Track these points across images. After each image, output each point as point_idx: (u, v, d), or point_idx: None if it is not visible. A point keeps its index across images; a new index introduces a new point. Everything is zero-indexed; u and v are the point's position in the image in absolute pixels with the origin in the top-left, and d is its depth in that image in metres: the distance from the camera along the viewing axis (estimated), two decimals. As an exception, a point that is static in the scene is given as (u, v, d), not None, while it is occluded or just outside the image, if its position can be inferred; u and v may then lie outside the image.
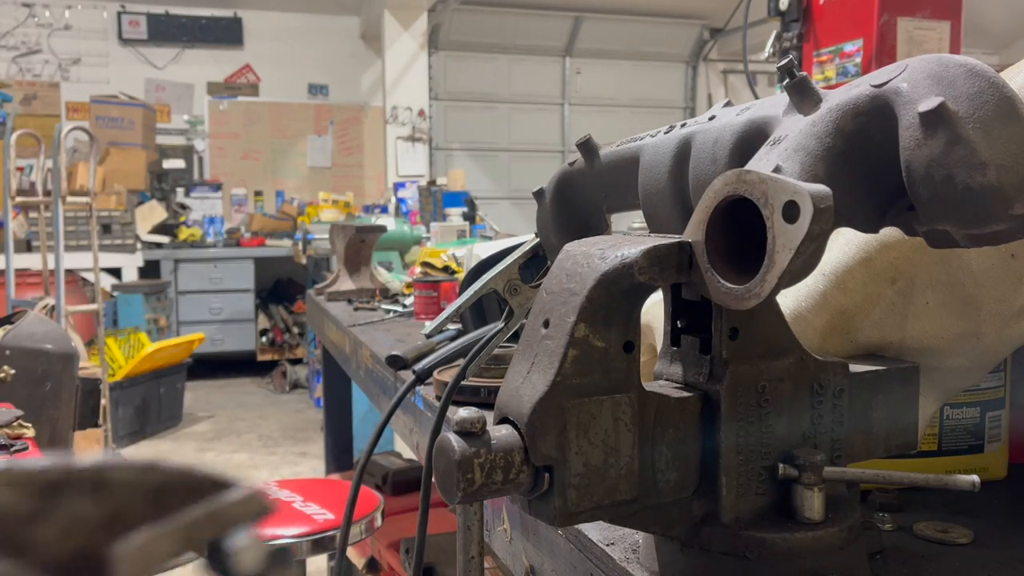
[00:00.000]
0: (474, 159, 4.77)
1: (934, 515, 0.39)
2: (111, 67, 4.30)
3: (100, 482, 0.12)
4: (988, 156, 0.26)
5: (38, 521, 0.12)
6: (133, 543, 0.12)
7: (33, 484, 0.12)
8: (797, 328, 0.35)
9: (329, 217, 3.43)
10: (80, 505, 0.12)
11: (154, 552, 0.12)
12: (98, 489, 0.12)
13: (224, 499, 0.12)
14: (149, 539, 0.12)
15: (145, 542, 0.12)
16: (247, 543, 0.12)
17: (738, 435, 0.31)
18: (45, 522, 0.12)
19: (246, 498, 0.13)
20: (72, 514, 0.12)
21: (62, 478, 0.12)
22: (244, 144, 4.47)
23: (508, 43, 4.73)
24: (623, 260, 0.29)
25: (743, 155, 0.34)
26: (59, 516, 0.12)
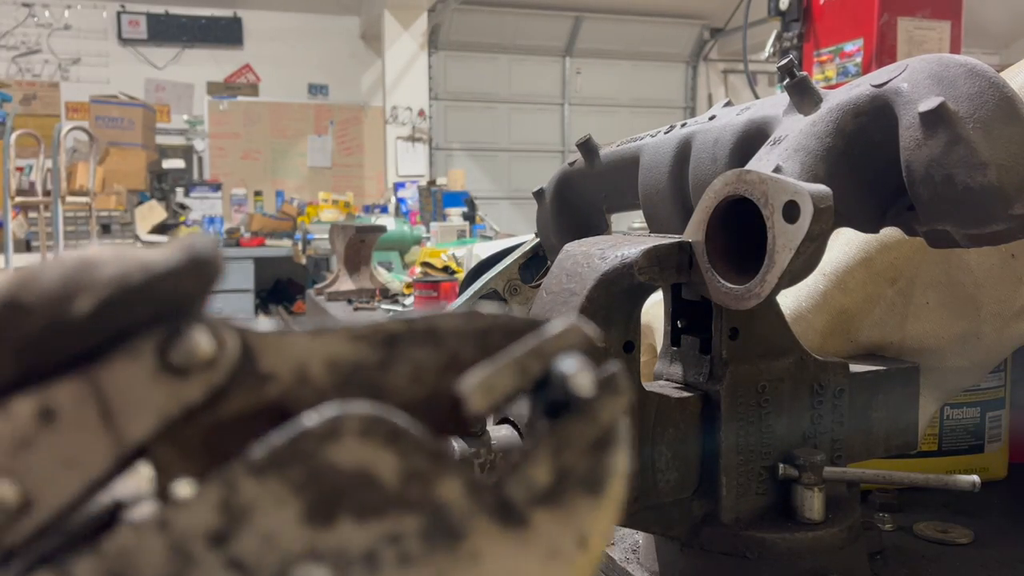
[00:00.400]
0: (474, 159, 4.77)
1: (934, 515, 0.39)
2: (111, 67, 4.30)
3: (433, 330, 0.13)
4: (988, 156, 0.26)
5: (387, 369, 0.13)
6: (475, 379, 0.12)
7: (376, 336, 0.13)
8: (797, 328, 0.35)
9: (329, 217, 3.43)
10: (420, 352, 0.13)
11: (496, 385, 0.12)
12: (432, 337, 0.13)
13: (547, 333, 0.13)
14: (489, 374, 0.12)
15: (486, 377, 0.12)
16: (578, 368, 0.12)
17: (738, 435, 0.31)
18: (393, 370, 0.13)
19: (567, 330, 0.13)
20: (415, 361, 0.13)
21: (400, 329, 0.13)
22: (244, 144, 4.47)
23: (508, 43, 4.73)
24: (623, 260, 0.29)
25: (743, 155, 0.34)
26: (404, 364, 0.13)
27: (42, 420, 0.11)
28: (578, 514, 0.12)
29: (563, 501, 0.12)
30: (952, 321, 0.35)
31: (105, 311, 0.11)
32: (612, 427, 0.12)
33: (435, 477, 0.12)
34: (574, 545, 0.12)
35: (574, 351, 0.13)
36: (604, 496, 0.12)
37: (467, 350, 0.13)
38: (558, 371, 0.12)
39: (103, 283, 0.11)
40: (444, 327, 0.13)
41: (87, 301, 0.11)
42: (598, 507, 0.12)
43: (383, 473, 0.11)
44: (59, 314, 0.11)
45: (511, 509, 0.12)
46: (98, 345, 0.11)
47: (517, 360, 0.12)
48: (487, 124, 4.83)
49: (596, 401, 0.12)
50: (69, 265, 0.11)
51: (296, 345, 0.12)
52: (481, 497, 0.12)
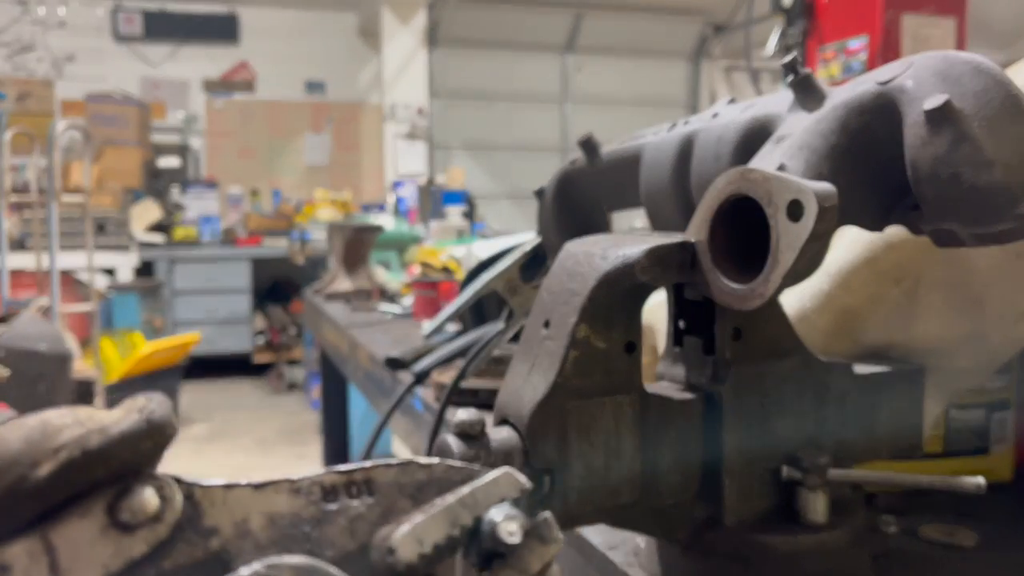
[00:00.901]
0: (474, 157, 4.76)
1: (940, 518, 0.39)
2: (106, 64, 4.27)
3: (369, 482, 0.14)
4: (994, 154, 0.26)
5: (324, 523, 0.13)
6: (404, 530, 0.13)
7: (314, 490, 0.13)
8: (801, 328, 0.34)
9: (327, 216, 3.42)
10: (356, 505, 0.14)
11: (425, 536, 0.13)
12: (368, 489, 0.14)
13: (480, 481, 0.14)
14: (418, 524, 0.13)
15: (415, 527, 0.13)
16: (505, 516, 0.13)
17: (741, 437, 0.31)
18: (330, 523, 0.13)
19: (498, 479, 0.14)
20: (351, 514, 0.14)
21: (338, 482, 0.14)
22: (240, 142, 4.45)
23: (508, 39, 4.71)
24: (625, 260, 0.29)
25: (746, 153, 0.33)
26: (340, 516, 0.14)
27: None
28: None
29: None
30: (958, 321, 0.35)
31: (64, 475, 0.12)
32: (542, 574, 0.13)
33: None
34: None
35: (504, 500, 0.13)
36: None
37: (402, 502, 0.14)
38: (488, 520, 0.13)
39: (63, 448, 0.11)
40: (380, 479, 0.14)
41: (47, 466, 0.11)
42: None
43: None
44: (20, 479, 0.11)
45: None
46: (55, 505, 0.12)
47: (446, 510, 0.13)
48: (487, 121, 4.82)
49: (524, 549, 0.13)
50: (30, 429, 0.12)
51: (239, 499, 0.13)
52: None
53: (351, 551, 0.13)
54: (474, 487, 0.13)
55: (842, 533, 0.30)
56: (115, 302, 3.19)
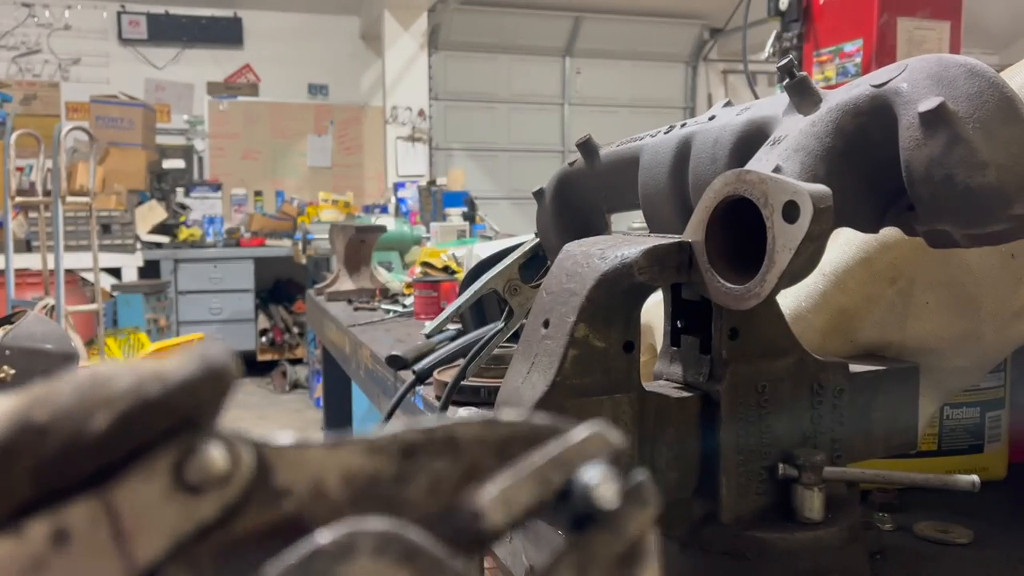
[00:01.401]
0: (474, 159, 4.77)
1: (934, 515, 0.39)
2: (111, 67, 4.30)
3: (451, 440, 0.13)
4: (988, 156, 0.26)
5: (404, 481, 0.12)
6: (493, 492, 0.12)
7: (393, 448, 0.12)
8: (797, 328, 0.35)
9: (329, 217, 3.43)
10: (438, 463, 0.12)
11: (515, 498, 0.12)
12: (451, 447, 0.13)
13: (569, 440, 0.12)
14: (508, 486, 0.12)
15: (505, 489, 0.12)
16: (601, 478, 0.12)
17: (738, 435, 0.31)
18: (410, 482, 0.12)
19: (590, 438, 0.12)
20: (433, 472, 0.12)
21: (418, 440, 0.12)
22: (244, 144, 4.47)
23: (508, 43, 4.72)
24: (623, 260, 0.29)
25: (743, 155, 0.34)
26: (422, 475, 0.12)
27: (56, 542, 0.10)
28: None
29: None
30: (952, 321, 0.35)
31: (122, 427, 0.11)
32: (639, 540, 0.12)
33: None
34: None
35: (598, 460, 0.12)
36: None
37: (487, 460, 0.12)
38: (581, 482, 0.12)
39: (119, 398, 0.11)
40: (463, 436, 0.13)
41: (103, 418, 0.11)
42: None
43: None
44: (76, 433, 0.10)
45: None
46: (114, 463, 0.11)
47: (537, 471, 0.12)
48: (487, 124, 4.83)
49: (622, 513, 0.12)
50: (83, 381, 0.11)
51: (312, 458, 0.12)
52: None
53: (433, 513, 0.12)
54: (565, 446, 0.12)
55: (838, 530, 0.31)
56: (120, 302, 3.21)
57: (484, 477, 0.12)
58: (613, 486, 0.12)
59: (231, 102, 4.45)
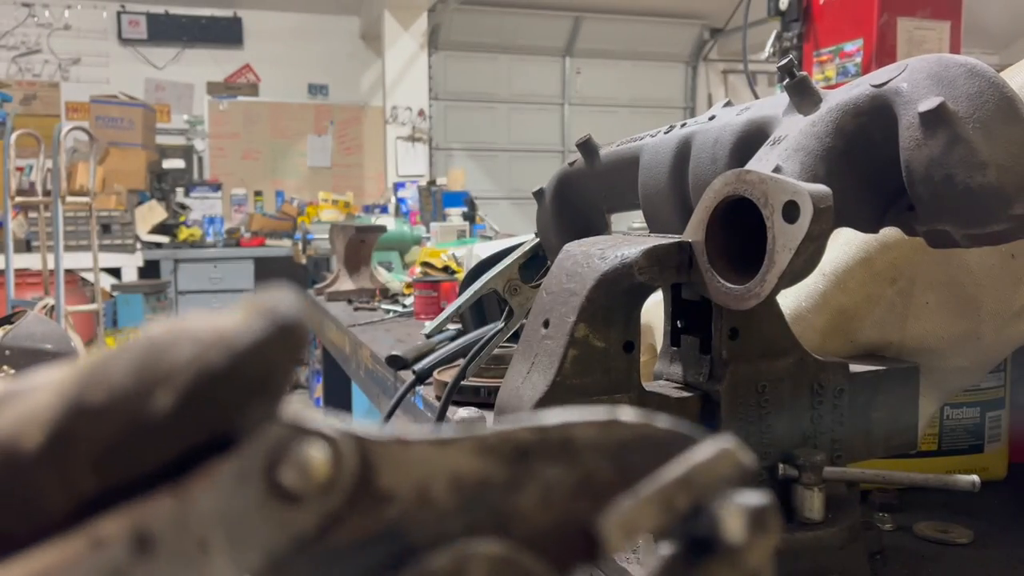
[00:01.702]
0: (474, 159, 4.77)
1: (934, 515, 0.39)
2: (111, 67, 4.30)
3: (567, 443, 0.11)
4: (988, 156, 0.26)
5: (515, 489, 0.11)
6: (618, 514, 0.11)
7: (505, 449, 0.11)
8: (797, 328, 0.35)
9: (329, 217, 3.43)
10: (552, 470, 0.11)
11: (638, 522, 0.11)
12: (566, 451, 0.11)
13: (697, 459, 0.11)
14: (632, 508, 0.11)
15: (629, 512, 0.11)
16: (732, 511, 0.11)
17: (738, 435, 0.31)
18: (522, 491, 0.11)
19: (719, 457, 0.11)
20: (546, 480, 0.11)
21: (532, 440, 0.11)
22: (244, 144, 4.47)
23: (508, 43, 4.73)
24: (623, 260, 0.29)
25: (743, 155, 0.34)
26: (534, 483, 0.11)
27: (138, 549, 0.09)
28: None
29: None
30: (952, 321, 0.35)
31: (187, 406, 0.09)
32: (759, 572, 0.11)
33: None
34: None
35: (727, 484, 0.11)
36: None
37: (603, 468, 0.11)
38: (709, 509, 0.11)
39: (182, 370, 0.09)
40: (580, 439, 0.11)
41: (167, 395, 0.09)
42: None
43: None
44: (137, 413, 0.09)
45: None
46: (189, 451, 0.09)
47: (662, 493, 0.11)
48: (487, 124, 4.83)
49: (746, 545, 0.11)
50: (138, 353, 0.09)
51: (418, 459, 0.10)
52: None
53: (544, 525, 0.11)
54: (692, 464, 0.11)
55: (838, 530, 0.31)
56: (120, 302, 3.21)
57: (600, 488, 0.11)
58: (742, 520, 0.11)
59: (231, 102, 4.45)
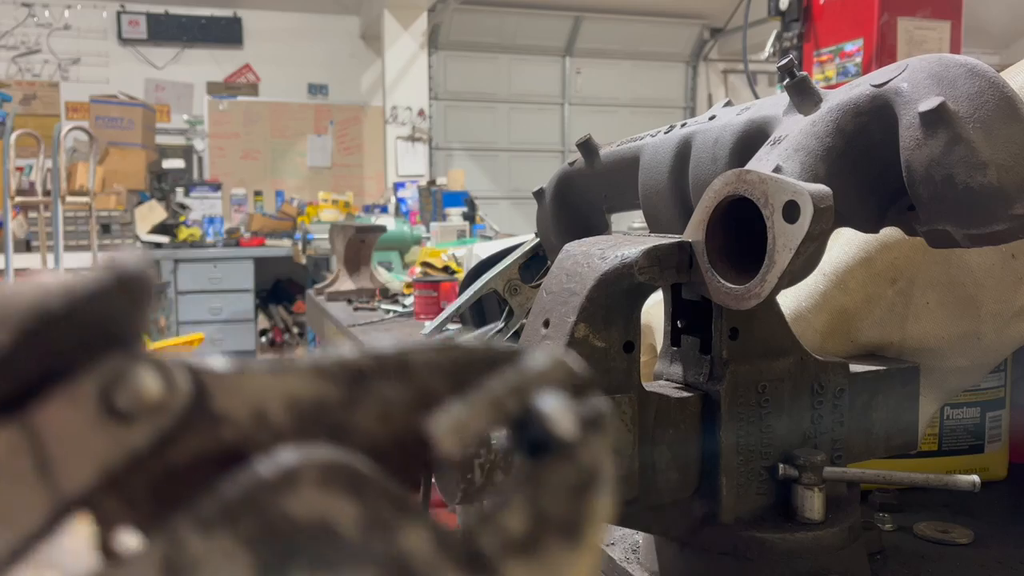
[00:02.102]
0: (474, 159, 4.77)
1: (934, 515, 0.39)
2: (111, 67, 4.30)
3: (404, 365, 0.12)
4: (988, 156, 0.26)
5: (353, 407, 0.12)
6: (447, 419, 0.11)
7: (341, 373, 0.12)
8: (797, 328, 0.35)
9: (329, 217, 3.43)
10: (389, 389, 0.12)
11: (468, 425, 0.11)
12: (403, 372, 0.12)
13: (527, 367, 0.12)
14: (462, 413, 0.11)
15: (458, 416, 0.11)
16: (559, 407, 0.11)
17: (738, 435, 0.31)
18: (359, 408, 0.12)
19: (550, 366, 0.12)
20: (383, 398, 0.12)
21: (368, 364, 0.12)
22: (244, 144, 4.47)
23: (508, 43, 4.73)
24: (623, 260, 0.29)
25: (743, 155, 0.34)
26: (371, 402, 0.12)
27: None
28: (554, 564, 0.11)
29: (538, 550, 0.11)
30: (952, 321, 0.35)
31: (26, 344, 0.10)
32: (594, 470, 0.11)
33: (399, 527, 0.11)
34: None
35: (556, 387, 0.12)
36: (583, 544, 0.11)
37: (440, 385, 0.12)
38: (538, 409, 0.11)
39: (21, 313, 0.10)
40: (416, 361, 0.12)
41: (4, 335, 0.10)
42: (576, 555, 0.11)
43: (343, 523, 0.10)
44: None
45: (482, 561, 0.11)
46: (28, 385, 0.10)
47: (493, 398, 0.11)
48: (487, 124, 4.83)
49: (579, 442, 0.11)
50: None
51: (254, 384, 0.11)
52: (449, 548, 0.11)
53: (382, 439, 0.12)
54: (521, 373, 0.12)
55: (838, 530, 0.31)
56: (118, 303, 3.19)
57: (438, 404, 0.12)
58: (571, 416, 0.11)
59: (231, 102, 4.45)
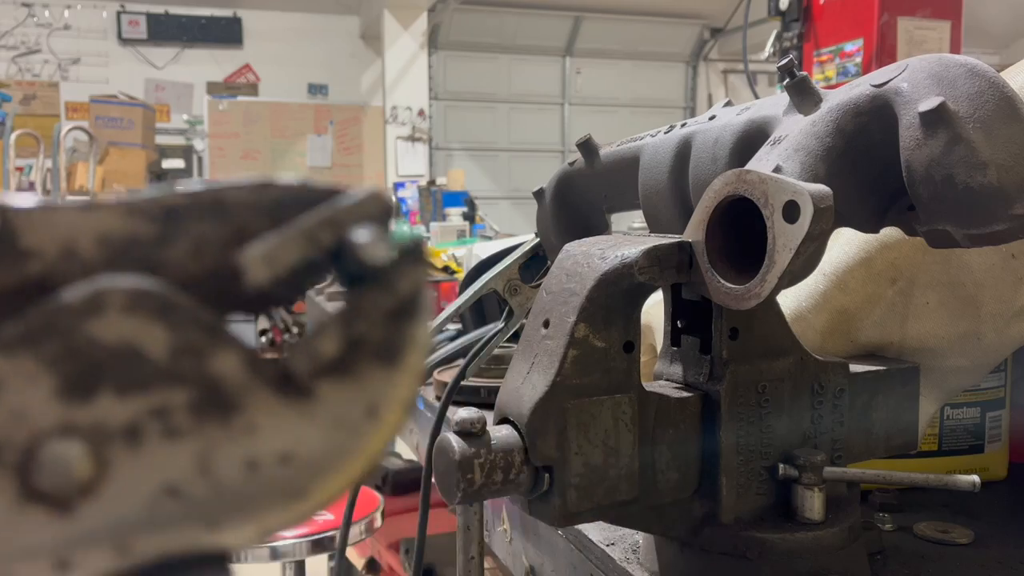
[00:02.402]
0: (474, 159, 4.77)
1: (934, 515, 0.39)
2: (111, 67, 4.30)
3: (219, 203, 0.12)
4: (988, 156, 0.26)
5: (165, 244, 0.12)
6: (257, 249, 0.12)
7: (154, 210, 0.12)
8: (797, 328, 0.35)
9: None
10: (203, 226, 0.12)
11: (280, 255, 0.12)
12: (218, 209, 0.12)
13: (343, 201, 0.12)
14: (273, 244, 0.12)
15: (269, 247, 0.12)
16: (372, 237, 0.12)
17: (738, 435, 0.31)
18: (172, 244, 0.12)
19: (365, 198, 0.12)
20: (197, 235, 0.12)
21: (181, 202, 0.12)
22: (244, 144, 4.47)
23: (508, 43, 4.73)
24: (623, 260, 0.29)
25: (743, 155, 0.34)
26: (184, 238, 0.12)
27: None
28: (369, 384, 0.12)
29: (353, 372, 0.12)
30: (952, 321, 0.35)
31: None
32: (411, 296, 0.12)
33: (209, 350, 0.11)
34: (363, 415, 0.12)
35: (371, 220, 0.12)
36: (399, 366, 0.12)
37: (257, 223, 0.12)
38: (353, 240, 0.12)
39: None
40: (231, 199, 0.12)
41: None
42: (392, 377, 0.12)
43: (150, 347, 0.11)
44: None
45: (294, 380, 0.11)
46: None
47: (305, 229, 0.12)
48: (487, 124, 4.83)
49: (393, 270, 0.12)
50: None
51: (64, 220, 0.11)
52: (260, 369, 0.11)
53: (197, 274, 0.12)
54: (336, 206, 0.12)
55: (838, 530, 0.31)
56: (118, 303, 3.19)
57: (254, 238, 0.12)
58: (383, 243, 0.12)
59: (231, 102, 4.45)
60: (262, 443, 0.11)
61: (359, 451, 0.12)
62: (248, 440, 0.11)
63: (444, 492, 0.29)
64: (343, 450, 0.12)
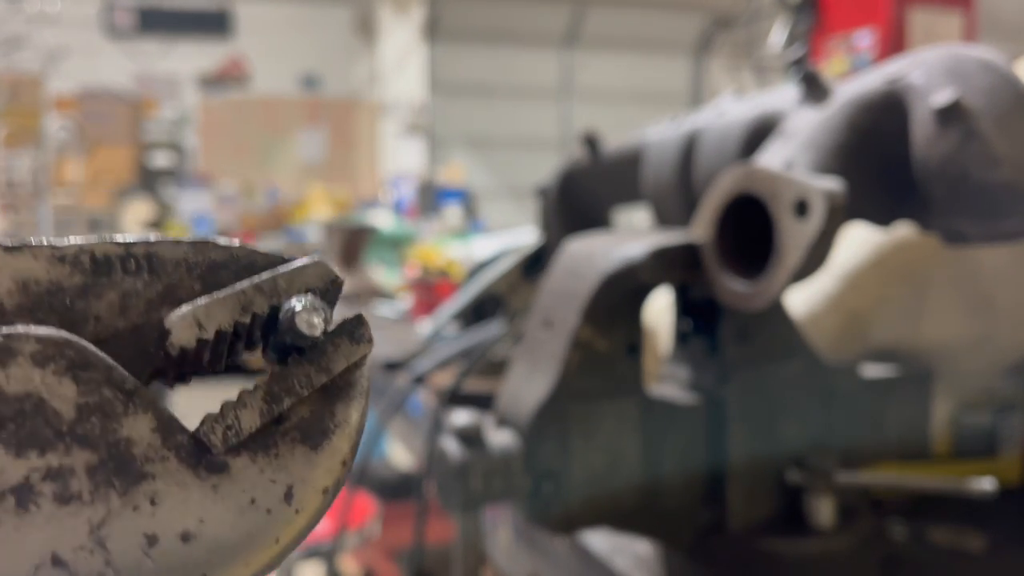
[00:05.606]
0: (473, 152, 4.73)
1: (948, 521, 0.38)
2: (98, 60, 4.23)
3: (152, 258, 0.12)
4: (1003, 152, 0.25)
5: (90, 296, 0.12)
6: (184, 311, 0.11)
7: (82, 259, 0.12)
8: (809, 330, 0.34)
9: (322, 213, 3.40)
10: (133, 281, 0.12)
11: (208, 319, 0.11)
12: (150, 265, 0.12)
13: (283, 269, 0.12)
14: (201, 307, 0.11)
15: (197, 309, 0.11)
16: (307, 307, 0.11)
17: (746, 440, 0.30)
18: (97, 297, 0.12)
19: (307, 267, 0.12)
20: (125, 289, 0.12)
21: (112, 253, 0.12)
22: (234, 138, 4.42)
23: (508, 33, 4.67)
24: (627, 260, 0.28)
25: (751, 148, 0.33)
26: (111, 292, 0.12)
27: None
28: (289, 466, 0.11)
29: (272, 450, 0.11)
30: (967, 322, 0.34)
31: None
32: (345, 376, 0.11)
33: (120, 412, 0.11)
34: (278, 499, 0.11)
35: (311, 290, 0.12)
36: (323, 450, 0.11)
37: (190, 283, 0.12)
38: (288, 310, 0.11)
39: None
40: (166, 256, 0.12)
41: None
42: (314, 460, 0.11)
43: (57, 403, 0.10)
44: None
45: (207, 453, 0.11)
46: None
47: (236, 293, 0.11)
48: (486, 117, 4.78)
49: (328, 345, 0.11)
50: None
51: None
52: (173, 437, 0.11)
53: (120, 329, 0.12)
54: (275, 273, 0.12)
55: (849, 538, 0.30)
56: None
57: (185, 299, 0.12)
58: (319, 315, 0.11)
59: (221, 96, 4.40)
60: (165, 517, 0.11)
61: (269, 538, 0.11)
62: (150, 512, 0.11)
63: (443, 499, 0.28)
64: (252, 535, 0.11)
